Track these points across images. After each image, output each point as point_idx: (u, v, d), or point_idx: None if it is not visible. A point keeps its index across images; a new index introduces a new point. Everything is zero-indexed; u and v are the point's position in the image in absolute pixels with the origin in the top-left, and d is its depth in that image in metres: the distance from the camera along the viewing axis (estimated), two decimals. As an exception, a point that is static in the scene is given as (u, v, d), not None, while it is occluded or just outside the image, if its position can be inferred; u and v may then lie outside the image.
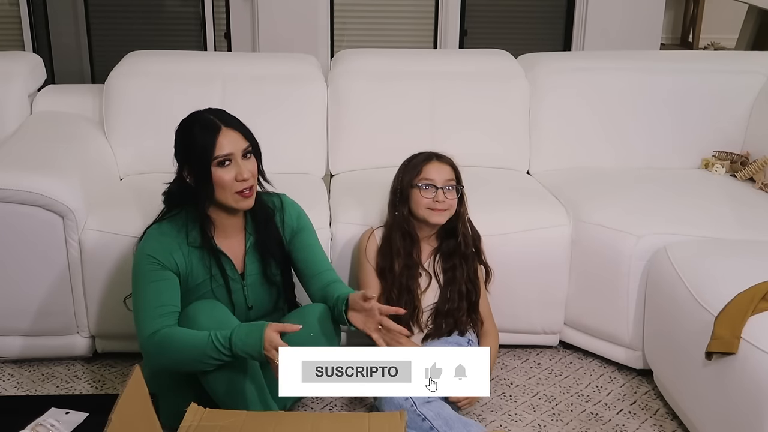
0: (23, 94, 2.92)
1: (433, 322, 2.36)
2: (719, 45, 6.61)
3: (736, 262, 2.22)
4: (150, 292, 2.02)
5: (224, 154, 2.00)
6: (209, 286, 2.10)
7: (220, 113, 2.07)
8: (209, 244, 2.08)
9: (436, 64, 3.12)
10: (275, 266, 2.17)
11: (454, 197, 2.32)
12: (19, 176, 2.35)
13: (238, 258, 2.14)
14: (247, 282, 2.15)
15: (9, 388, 2.46)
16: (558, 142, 3.03)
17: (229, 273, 2.12)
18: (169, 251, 2.05)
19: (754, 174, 2.86)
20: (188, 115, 2.08)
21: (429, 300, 2.37)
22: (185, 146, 2.04)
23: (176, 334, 1.96)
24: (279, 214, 2.19)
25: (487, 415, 2.34)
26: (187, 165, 2.04)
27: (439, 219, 2.32)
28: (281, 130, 2.87)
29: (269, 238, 2.16)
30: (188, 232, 2.08)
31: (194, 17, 4.68)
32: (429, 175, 2.31)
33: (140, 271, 2.04)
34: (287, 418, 1.88)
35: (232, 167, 2.01)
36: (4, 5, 4.61)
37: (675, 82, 3.04)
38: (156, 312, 1.99)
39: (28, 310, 2.44)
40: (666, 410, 2.38)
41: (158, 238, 2.07)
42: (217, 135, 2.00)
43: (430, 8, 4.73)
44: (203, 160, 1.99)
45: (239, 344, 1.88)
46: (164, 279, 2.03)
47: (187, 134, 2.04)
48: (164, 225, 2.10)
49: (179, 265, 2.06)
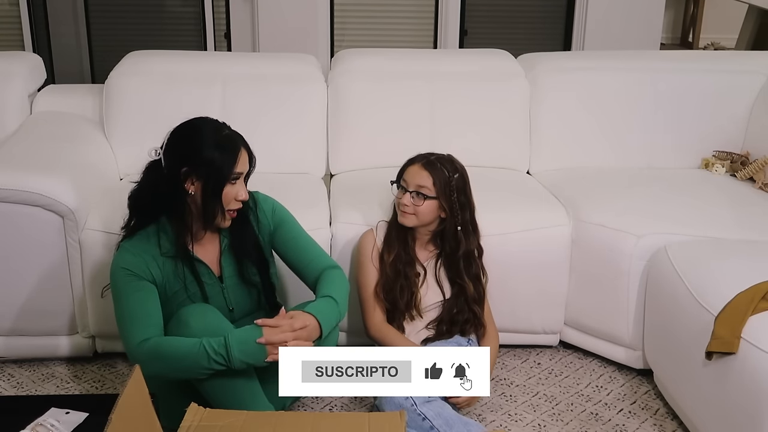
0: (23, 94, 2.92)
1: (435, 328, 2.36)
2: (719, 45, 6.61)
3: (736, 262, 2.21)
4: (133, 302, 2.00)
5: (238, 173, 2.01)
6: (185, 294, 2.08)
7: (234, 131, 2.05)
8: (184, 254, 2.06)
9: (436, 64, 3.12)
10: (251, 267, 2.16)
11: (422, 204, 2.29)
12: (19, 176, 2.35)
13: (213, 261, 2.13)
14: (227, 284, 2.13)
15: (9, 388, 2.46)
16: (558, 142, 3.03)
17: (206, 279, 2.10)
18: (144, 263, 2.02)
19: (754, 174, 2.86)
20: (194, 120, 2.04)
21: (429, 302, 2.37)
22: (196, 152, 1.98)
23: (167, 342, 1.94)
24: (253, 213, 2.17)
25: (487, 415, 2.34)
26: (194, 172, 1.98)
27: (404, 221, 2.31)
28: (281, 130, 2.87)
29: (244, 240, 2.13)
30: (160, 242, 2.05)
31: (194, 17, 4.68)
32: (405, 176, 2.33)
33: (119, 284, 2.02)
34: (287, 418, 1.88)
35: (237, 186, 2.02)
36: (4, 5, 4.61)
37: (675, 82, 3.04)
38: (143, 322, 1.98)
39: (28, 310, 2.44)
40: (666, 410, 2.38)
41: (131, 250, 2.03)
42: (238, 153, 2.01)
43: (430, 8, 4.73)
44: (222, 174, 1.98)
45: (237, 356, 1.88)
46: (144, 289, 2.01)
47: (200, 141, 1.98)
48: (135, 237, 2.06)
49: (155, 276, 2.04)
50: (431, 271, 2.37)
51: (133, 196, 2.07)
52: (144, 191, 2.05)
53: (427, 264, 2.38)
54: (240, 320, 2.15)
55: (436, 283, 2.37)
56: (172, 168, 2.00)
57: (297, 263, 2.19)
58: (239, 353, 1.89)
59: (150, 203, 2.04)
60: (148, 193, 2.04)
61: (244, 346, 1.90)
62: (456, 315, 2.35)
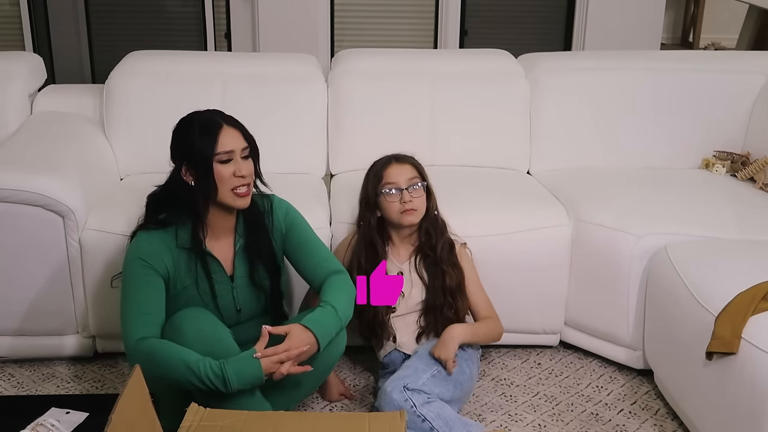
0: (23, 94, 2.92)
1: (424, 320, 2.35)
2: (719, 45, 6.61)
3: (736, 262, 2.21)
4: (140, 295, 2.01)
5: (226, 151, 2.02)
6: (195, 289, 2.09)
7: (219, 113, 2.09)
8: (198, 247, 2.08)
9: (436, 64, 3.12)
10: (263, 271, 2.17)
11: (421, 194, 2.31)
12: (19, 176, 2.35)
13: (227, 260, 2.14)
14: (237, 284, 2.15)
15: (9, 388, 2.46)
16: (558, 142, 3.03)
17: (216, 276, 2.11)
18: (159, 254, 2.05)
19: (755, 174, 2.86)
20: (186, 116, 2.09)
21: (416, 299, 2.35)
22: (185, 144, 2.04)
23: (164, 349, 1.93)
24: (268, 217, 2.19)
25: (487, 415, 2.34)
26: (186, 163, 2.04)
27: (412, 219, 2.31)
28: (281, 130, 2.87)
29: (259, 243, 2.16)
30: (177, 233, 2.08)
31: (194, 17, 4.68)
32: (391, 179, 2.32)
33: (131, 274, 2.04)
34: (287, 418, 1.88)
35: (231, 165, 2.04)
36: (4, 5, 4.61)
37: (675, 82, 3.04)
38: (144, 319, 1.99)
39: (29, 310, 2.44)
40: (666, 410, 2.38)
41: (149, 239, 2.07)
42: (219, 132, 2.02)
43: (430, 8, 4.73)
44: (205, 156, 2.01)
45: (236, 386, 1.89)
46: (154, 285, 2.03)
47: (187, 132, 2.04)
48: (153, 229, 2.09)
49: (168, 268, 2.06)
50: (412, 266, 2.36)
51: (152, 195, 2.15)
52: (159, 191, 2.14)
53: (408, 265, 2.37)
54: (246, 322, 2.17)
55: (419, 278, 2.36)
56: (175, 165, 2.08)
57: (304, 267, 2.19)
58: (237, 383, 1.90)
59: (163, 202, 2.12)
60: (160, 192, 2.14)
61: (242, 377, 1.90)
62: (436, 302, 2.33)
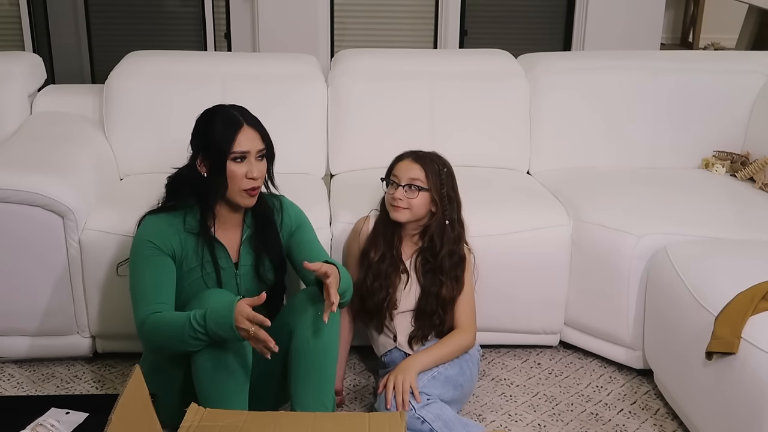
0: (23, 94, 2.92)
1: (415, 323, 2.34)
2: (719, 45, 6.61)
3: (736, 262, 2.21)
4: (149, 277, 2.03)
5: (241, 151, 2.04)
6: (200, 273, 2.11)
7: (243, 111, 2.11)
8: (206, 232, 2.10)
9: (435, 64, 3.12)
10: (268, 264, 2.18)
11: (416, 197, 2.29)
12: (19, 176, 2.35)
13: (233, 247, 2.16)
14: (241, 272, 2.16)
15: (9, 388, 2.46)
16: (558, 142, 3.03)
17: (222, 263, 2.12)
18: (167, 236, 2.07)
19: (755, 174, 2.86)
20: (212, 107, 2.12)
21: (411, 300, 2.34)
22: (204, 136, 2.06)
23: (163, 317, 1.97)
24: (278, 215, 2.21)
25: (487, 415, 2.34)
26: (202, 155, 2.07)
27: (398, 216, 2.30)
28: (281, 130, 2.84)
29: (266, 236, 2.17)
30: (185, 218, 2.10)
31: (194, 17, 4.68)
32: (395, 172, 2.33)
33: (140, 256, 2.06)
34: (287, 418, 1.88)
35: (244, 164, 2.05)
36: (4, 5, 4.61)
37: (675, 82, 3.04)
38: (154, 297, 2.01)
39: (29, 310, 2.44)
40: (666, 410, 2.38)
41: (156, 222, 2.09)
42: (237, 131, 2.04)
43: (430, 8, 4.73)
44: (220, 153, 2.03)
45: (212, 324, 1.87)
46: (163, 265, 2.05)
47: (208, 125, 2.07)
48: (161, 213, 2.12)
49: (176, 249, 2.08)
50: (412, 266, 2.35)
51: (169, 181, 2.16)
52: (174, 178, 2.16)
53: (411, 260, 2.36)
54: None
55: (417, 281, 2.35)
56: (193, 153, 2.10)
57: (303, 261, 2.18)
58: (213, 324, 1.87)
59: (181, 183, 2.13)
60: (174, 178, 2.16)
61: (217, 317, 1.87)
62: (427, 308, 2.31)
